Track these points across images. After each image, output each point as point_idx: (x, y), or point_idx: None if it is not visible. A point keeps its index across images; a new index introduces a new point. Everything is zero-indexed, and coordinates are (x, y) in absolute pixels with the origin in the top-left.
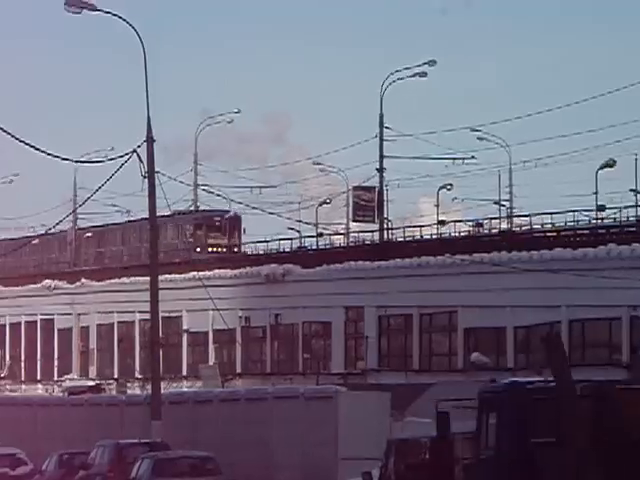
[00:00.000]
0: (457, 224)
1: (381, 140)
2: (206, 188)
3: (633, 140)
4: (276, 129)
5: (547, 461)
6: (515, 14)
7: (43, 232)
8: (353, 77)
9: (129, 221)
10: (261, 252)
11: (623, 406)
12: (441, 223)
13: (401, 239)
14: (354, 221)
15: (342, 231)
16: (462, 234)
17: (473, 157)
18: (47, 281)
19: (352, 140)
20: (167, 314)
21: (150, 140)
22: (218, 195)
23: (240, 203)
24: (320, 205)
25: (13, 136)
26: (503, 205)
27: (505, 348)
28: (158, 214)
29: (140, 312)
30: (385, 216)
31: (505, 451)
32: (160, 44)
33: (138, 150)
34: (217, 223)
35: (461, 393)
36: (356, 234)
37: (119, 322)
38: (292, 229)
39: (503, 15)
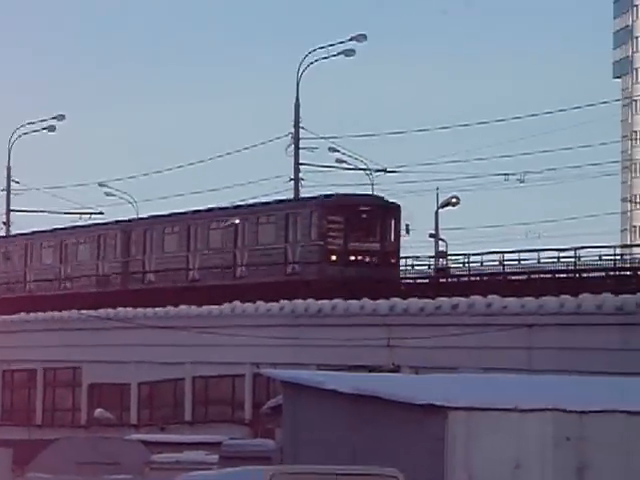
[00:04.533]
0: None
1: (8, 193)
2: None
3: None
4: None
5: None
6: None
7: None
8: None
9: None
10: None
11: None
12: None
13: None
14: None
15: None
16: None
17: (101, 212)
18: None
19: None
20: None
21: None
22: None
23: None
24: None
25: None
26: None
27: (129, 404)
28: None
29: None
30: None
31: None
32: None
33: None
34: (364, 215)
35: (84, 449)
36: None
37: None
38: None
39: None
